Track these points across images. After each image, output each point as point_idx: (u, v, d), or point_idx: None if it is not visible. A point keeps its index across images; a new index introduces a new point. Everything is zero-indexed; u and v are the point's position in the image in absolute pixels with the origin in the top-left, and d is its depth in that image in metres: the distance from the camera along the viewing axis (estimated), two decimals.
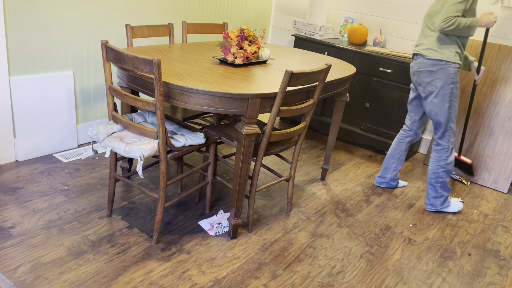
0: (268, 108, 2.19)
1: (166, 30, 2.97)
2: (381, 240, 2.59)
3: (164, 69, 2.24)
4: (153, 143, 2.08)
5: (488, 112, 3.46)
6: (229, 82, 2.18)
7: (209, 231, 2.44)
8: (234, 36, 2.49)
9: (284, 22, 4.62)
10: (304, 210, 2.81)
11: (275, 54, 3.07)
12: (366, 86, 3.77)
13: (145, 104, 2.04)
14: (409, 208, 3.00)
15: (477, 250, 2.63)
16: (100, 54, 3.17)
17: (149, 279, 2.04)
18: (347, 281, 2.21)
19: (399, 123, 3.66)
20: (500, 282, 2.37)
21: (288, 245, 2.43)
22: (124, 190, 2.74)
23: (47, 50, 2.85)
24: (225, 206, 2.73)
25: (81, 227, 2.33)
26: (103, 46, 2.11)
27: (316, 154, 3.71)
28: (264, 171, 3.26)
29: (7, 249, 2.10)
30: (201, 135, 2.29)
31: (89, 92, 3.19)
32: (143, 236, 2.33)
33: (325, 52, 3.92)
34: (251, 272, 2.18)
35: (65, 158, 3.03)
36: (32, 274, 1.97)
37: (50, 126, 3.00)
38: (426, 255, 2.51)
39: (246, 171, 2.25)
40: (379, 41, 3.86)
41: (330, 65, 2.32)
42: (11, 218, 2.33)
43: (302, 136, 2.59)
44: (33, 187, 2.64)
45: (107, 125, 2.24)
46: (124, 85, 2.34)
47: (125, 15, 3.21)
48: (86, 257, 2.12)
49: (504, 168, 3.41)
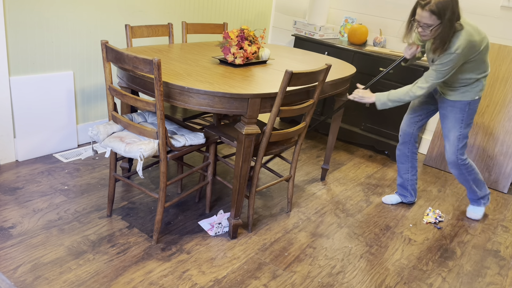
0: (268, 108, 2.19)
1: (165, 30, 2.97)
2: (381, 240, 2.59)
3: (164, 69, 2.24)
4: (153, 143, 2.08)
5: (488, 112, 3.46)
6: (229, 82, 2.18)
7: (209, 231, 2.44)
8: (234, 36, 2.49)
9: (284, 22, 4.62)
10: (304, 210, 2.80)
11: (275, 54, 3.07)
12: None
13: (145, 104, 2.04)
14: (409, 208, 3.00)
15: (477, 250, 2.63)
16: (100, 54, 3.17)
17: (149, 279, 2.04)
18: (347, 281, 2.21)
19: (399, 123, 3.66)
20: (500, 282, 2.37)
21: (288, 245, 2.43)
22: (124, 190, 2.74)
23: (47, 50, 2.85)
24: (225, 206, 2.73)
25: (81, 227, 2.33)
26: (103, 46, 2.11)
27: (316, 154, 3.71)
28: (264, 171, 3.26)
29: (7, 249, 2.10)
30: (201, 135, 2.29)
31: (89, 92, 3.19)
32: (143, 236, 2.33)
33: (325, 52, 3.92)
34: (251, 272, 2.18)
35: (65, 158, 3.03)
36: (32, 274, 1.97)
37: (50, 126, 3.00)
38: (426, 255, 2.51)
39: (246, 171, 2.25)
40: (379, 41, 3.86)
41: (330, 65, 2.32)
42: (11, 218, 2.33)
43: (302, 136, 2.59)
44: (33, 187, 2.64)
45: (107, 125, 2.24)
46: (124, 85, 2.34)
47: (125, 15, 3.21)
48: (86, 257, 2.12)
49: (504, 168, 3.41)
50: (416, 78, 3.47)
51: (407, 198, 3.03)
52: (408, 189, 2.99)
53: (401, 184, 3.01)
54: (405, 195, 3.02)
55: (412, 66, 3.47)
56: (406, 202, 3.05)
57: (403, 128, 2.90)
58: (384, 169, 3.58)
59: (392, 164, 3.68)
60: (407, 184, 2.98)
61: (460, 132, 2.63)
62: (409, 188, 2.99)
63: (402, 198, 3.04)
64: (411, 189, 2.99)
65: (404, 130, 2.90)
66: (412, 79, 3.49)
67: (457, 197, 3.25)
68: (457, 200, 3.21)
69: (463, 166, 2.73)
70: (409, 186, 2.98)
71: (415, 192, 3.02)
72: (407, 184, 2.98)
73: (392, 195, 3.07)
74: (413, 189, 3.00)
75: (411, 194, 3.01)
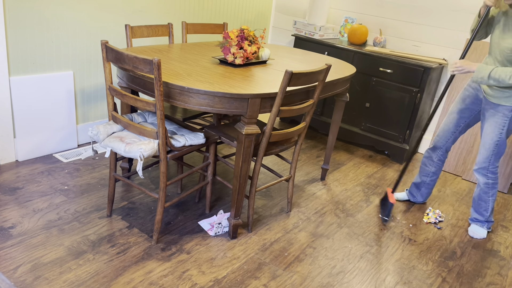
0: (268, 108, 2.19)
1: (165, 30, 2.97)
2: (381, 240, 2.59)
3: (164, 69, 2.24)
4: (153, 143, 2.08)
5: None
6: (229, 82, 2.18)
7: (209, 231, 2.44)
8: (234, 36, 2.49)
9: (284, 22, 4.62)
10: (304, 210, 2.80)
11: (275, 54, 3.07)
12: (366, 86, 3.77)
13: (145, 104, 2.04)
14: (409, 208, 3.00)
15: (477, 250, 2.63)
16: (100, 54, 3.17)
17: (149, 279, 2.04)
18: (347, 281, 2.21)
19: (399, 123, 3.66)
20: (500, 282, 2.36)
21: (288, 245, 2.43)
22: (124, 190, 2.74)
23: (47, 50, 2.85)
24: (225, 206, 2.73)
25: (81, 227, 2.33)
26: (103, 46, 2.11)
27: (316, 154, 3.71)
28: (264, 171, 3.26)
29: (7, 249, 2.10)
30: (201, 135, 2.29)
31: (89, 92, 3.19)
32: (143, 236, 2.33)
33: (325, 52, 3.92)
34: (251, 272, 2.18)
35: (65, 158, 3.03)
36: (32, 274, 1.97)
37: (50, 126, 3.00)
38: (426, 255, 2.51)
39: (246, 171, 2.25)
40: (379, 41, 3.86)
41: (330, 65, 2.32)
42: (11, 218, 2.33)
43: (302, 136, 2.59)
44: (33, 187, 2.64)
45: (107, 125, 2.24)
46: (124, 85, 2.34)
47: (125, 15, 3.21)
48: (86, 257, 2.12)
49: (504, 168, 3.40)
50: (417, 78, 3.47)
51: (416, 198, 3.02)
52: (421, 191, 2.97)
53: (417, 184, 2.99)
54: (415, 195, 3.01)
55: (412, 66, 3.47)
56: (413, 201, 3.04)
57: (441, 133, 2.76)
58: (384, 169, 3.58)
59: (392, 164, 3.68)
60: (422, 186, 2.96)
61: (499, 138, 2.47)
62: (423, 190, 2.96)
63: (410, 197, 3.04)
64: (425, 192, 2.97)
65: (440, 135, 2.77)
66: (412, 79, 3.49)
67: (457, 197, 3.25)
68: (457, 200, 3.21)
69: (492, 174, 2.60)
70: (423, 188, 2.96)
71: (428, 195, 2.99)
72: (422, 186, 2.96)
73: (402, 192, 3.08)
74: (427, 192, 2.98)
75: (422, 195, 2.99)
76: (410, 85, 3.53)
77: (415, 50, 3.85)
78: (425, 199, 3.02)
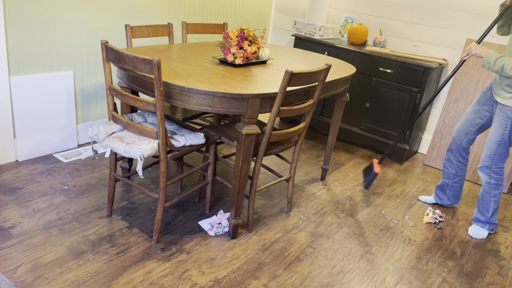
0: (268, 108, 2.19)
1: (165, 30, 2.97)
2: (381, 240, 2.59)
3: (164, 69, 2.24)
4: (153, 143, 2.08)
5: None
6: (229, 82, 2.18)
7: (209, 231, 2.44)
8: (234, 36, 2.49)
9: (284, 22, 4.62)
10: (304, 210, 2.80)
11: (275, 54, 3.07)
12: (366, 86, 3.77)
13: (145, 104, 2.04)
14: (409, 208, 3.00)
15: (477, 250, 2.63)
16: (100, 54, 3.17)
17: (149, 279, 2.04)
18: (347, 281, 2.21)
19: (399, 123, 3.66)
20: (500, 282, 2.36)
21: (288, 245, 2.43)
22: (124, 190, 2.74)
23: (47, 50, 2.85)
24: (225, 206, 2.73)
25: (81, 227, 2.33)
26: (103, 46, 2.11)
27: (316, 154, 3.71)
28: (264, 171, 3.26)
29: (7, 249, 2.10)
30: (201, 135, 2.29)
31: (89, 92, 3.19)
32: (143, 236, 2.33)
33: (325, 52, 3.92)
34: (251, 272, 2.18)
35: (65, 158, 3.03)
36: (32, 274, 1.97)
37: (50, 126, 3.00)
38: (426, 255, 2.51)
39: (246, 171, 2.25)
40: (379, 41, 3.86)
41: (330, 65, 2.32)
42: (11, 218, 2.33)
43: (302, 136, 2.59)
44: (33, 187, 2.64)
45: (107, 125, 2.24)
46: (124, 85, 2.34)
47: (125, 15, 3.21)
48: (86, 257, 2.12)
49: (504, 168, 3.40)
50: (417, 78, 3.47)
51: (443, 201, 3.01)
52: (447, 193, 2.96)
53: (440, 186, 2.99)
54: (441, 198, 3.01)
55: (412, 66, 3.47)
56: (442, 204, 3.03)
57: (455, 134, 2.78)
58: (384, 169, 3.58)
59: (392, 164, 3.68)
60: (446, 189, 2.95)
61: (501, 138, 2.48)
62: (448, 192, 2.95)
63: (437, 200, 3.04)
64: (451, 194, 2.95)
65: (455, 136, 2.79)
66: (412, 79, 3.49)
67: None
68: None
69: (495, 174, 2.58)
70: (447, 190, 2.94)
71: (455, 198, 2.97)
72: (446, 188, 2.95)
73: (429, 196, 3.09)
74: (453, 195, 2.95)
75: (449, 199, 2.98)
76: (410, 85, 3.53)
77: (415, 50, 3.85)
78: (454, 202, 2.99)
